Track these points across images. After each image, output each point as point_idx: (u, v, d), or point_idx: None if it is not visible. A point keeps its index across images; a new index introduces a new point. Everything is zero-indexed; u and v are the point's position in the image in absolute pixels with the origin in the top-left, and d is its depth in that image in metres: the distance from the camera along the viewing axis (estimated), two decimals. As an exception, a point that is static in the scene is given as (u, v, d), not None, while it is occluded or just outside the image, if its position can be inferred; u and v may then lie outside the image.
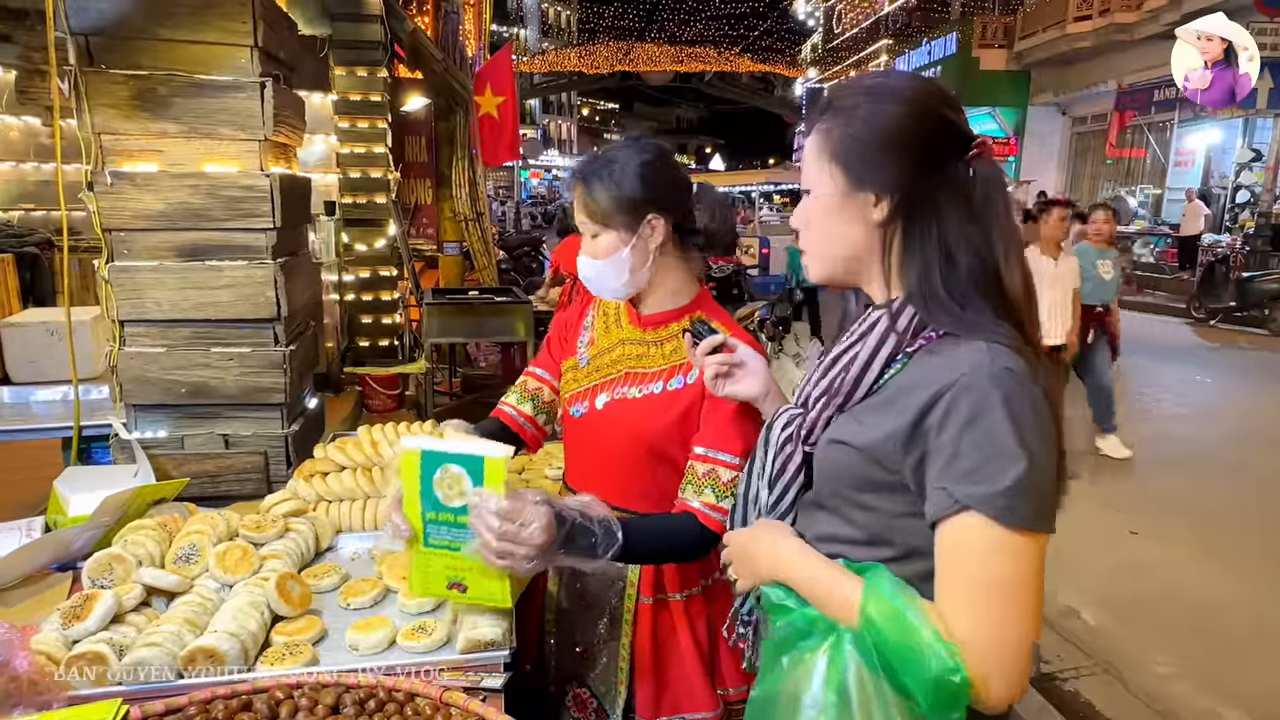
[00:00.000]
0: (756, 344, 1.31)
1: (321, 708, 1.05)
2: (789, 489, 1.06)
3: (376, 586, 1.41)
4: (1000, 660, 0.81)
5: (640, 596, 1.43)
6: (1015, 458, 0.81)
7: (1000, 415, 0.82)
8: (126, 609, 1.25)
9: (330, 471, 1.71)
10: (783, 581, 0.98)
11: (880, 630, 0.83)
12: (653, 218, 1.32)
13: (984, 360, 0.84)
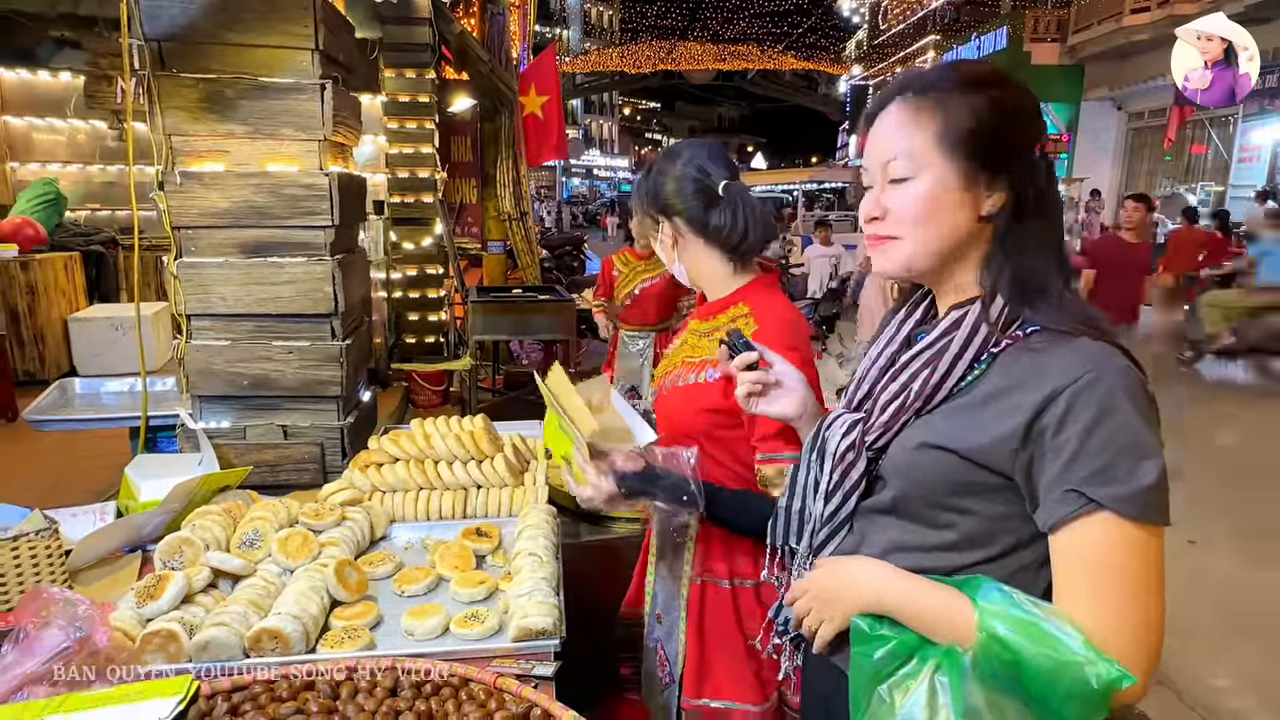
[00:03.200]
0: (806, 347, 1.33)
1: (380, 689, 1.09)
2: (848, 499, 1.01)
3: (430, 575, 1.45)
4: (1138, 659, 0.80)
5: (690, 575, 1.49)
6: (1151, 454, 0.81)
7: (1130, 413, 0.81)
8: (195, 590, 1.30)
9: (384, 463, 1.76)
10: (887, 614, 0.92)
11: (1013, 646, 0.79)
12: (662, 222, 1.45)
13: (1104, 358, 0.83)
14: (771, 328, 1.35)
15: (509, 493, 1.77)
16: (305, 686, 1.10)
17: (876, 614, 0.93)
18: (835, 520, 1.02)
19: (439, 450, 1.77)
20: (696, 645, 1.47)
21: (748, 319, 1.38)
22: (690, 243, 1.44)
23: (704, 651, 1.47)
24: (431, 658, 1.17)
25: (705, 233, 1.41)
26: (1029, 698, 0.79)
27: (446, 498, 1.72)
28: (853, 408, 1.04)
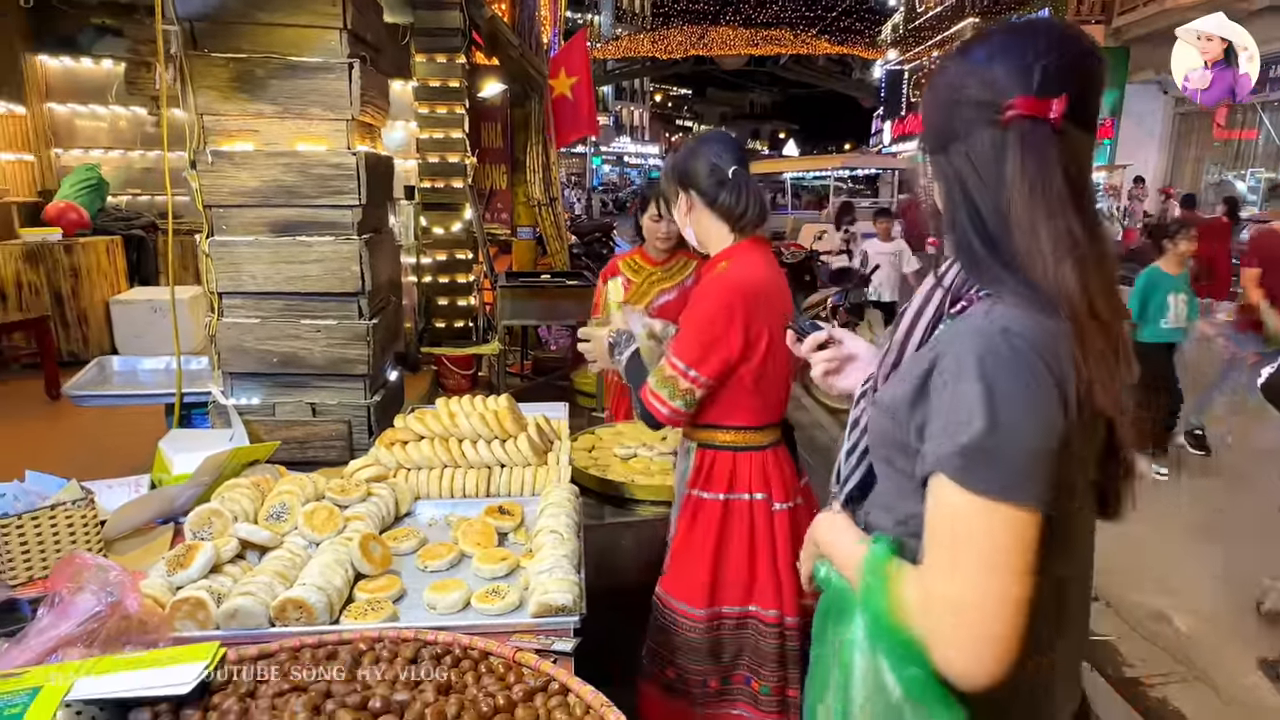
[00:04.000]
0: (720, 296, 1.64)
1: (400, 660, 1.10)
2: (859, 442, 1.05)
3: (453, 551, 1.46)
4: (956, 626, 0.77)
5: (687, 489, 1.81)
6: (974, 417, 0.76)
7: (971, 374, 0.78)
8: (224, 560, 1.33)
9: (410, 441, 1.78)
10: (819, 555, 1.02)
11: (866, 597, 0.85)
12: (681, 193, 1.77)
13: (978, 321, 0.81)
14: (719, 280, 1.67)
15: (532, 472, 1.77)
16: (328, 656, 1.11)
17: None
18: (851, 460, 1.05)
19: (463, 429, 1.78)
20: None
21: (724, 267, 1.70)
22: (701, 212, 1.75)
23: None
24: (453, 631, 1.17)
25: (714, 205, 1.72)
26: (885, 649, 0.84)
27: (470, 476, 1.73)
28: None
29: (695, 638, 1.77)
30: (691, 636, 1.77)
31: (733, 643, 1.80)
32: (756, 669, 1.80)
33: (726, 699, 1.84)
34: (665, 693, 1.84)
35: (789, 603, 1.75)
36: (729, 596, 1.77)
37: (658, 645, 1.84)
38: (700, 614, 1.76)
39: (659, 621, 1.82)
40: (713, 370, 1.65)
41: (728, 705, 1.85)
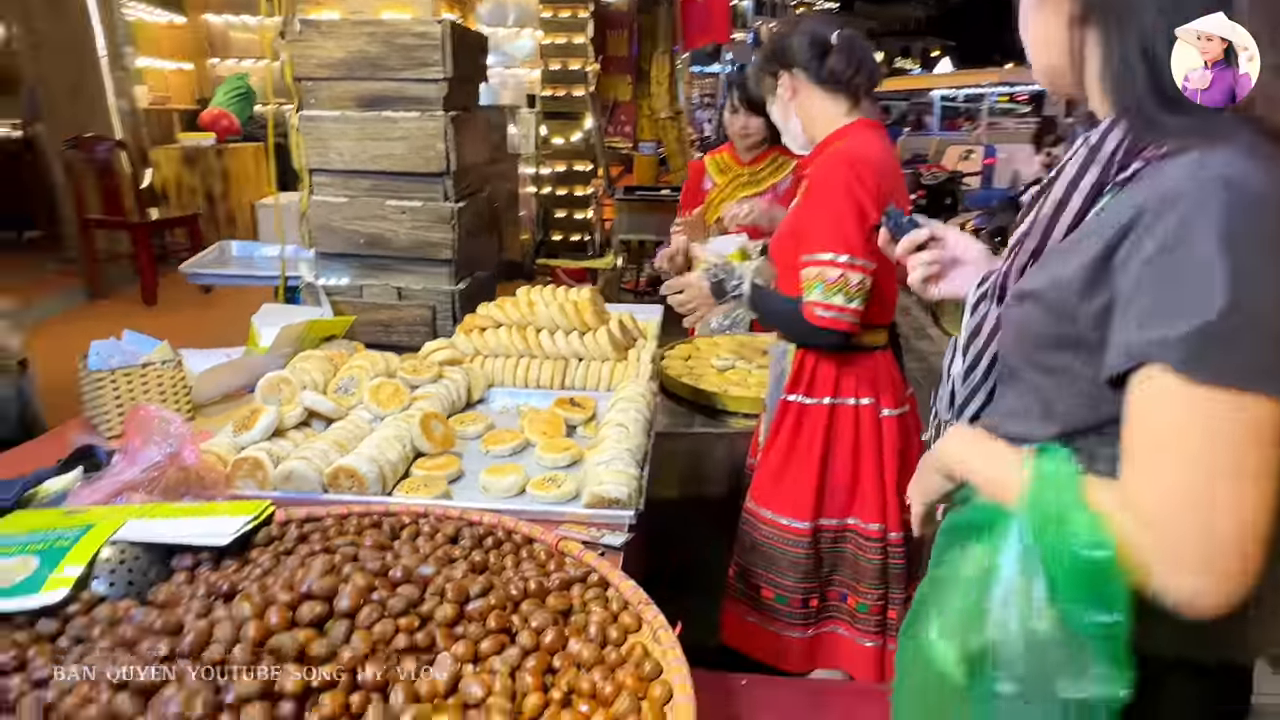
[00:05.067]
0: (854, 181, 1.44)
1: (441, 536, 1.05)
2: (983, 355, 0.92)
3: (517, 438, 1.40)
4: (1184, 541, 0.63)
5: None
6: (1206, 292, 0.61)
7: (1201, 236, 0.62)
8: (288, 425, 1.32)
9: (488, 328, 1.72)
10: (948, 473, 0.87)
11: (1038, 517, 0.68)
12: (782, 76, 1.60)
13: (1191, 170, 0.65)
14: (836, 155, 1.50)
15: (610, 367, 1.68)
16: (373, 525, 1.08)
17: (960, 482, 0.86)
18: (971, 379, 0.92)
19: (541, 318, 1.70)
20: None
21: (840, 145, 1.52)
22: (807, 92, 1.57)
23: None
24: (503, 515, 1.11)
25: (821, 79, 1.55)
26: (1050, 576, 0.67)
27: (546, 367, 1.66)
28: None
29: (796, 553, 1.65)
30: (793, 552, 1.66)
31: (830, 557, 1.67)
32: (854, 585, 1.67)
33: (823, 617, 1.73)
34: (757, 612, 1.75)
35: (893, 516, 1.60)
36: (830, 508, 1.64)
37: (749, 563, 1.74)
38: (803, 527, 1.64)
39: (752, 537, 1.72)
40: (873, 249, 1.40)
41: (823, 624, 1.74)
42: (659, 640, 0.85)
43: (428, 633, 0.81)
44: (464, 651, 0.80)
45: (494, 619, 0.85)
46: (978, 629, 0.70)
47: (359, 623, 0.78)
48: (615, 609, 0.91)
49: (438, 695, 0.74)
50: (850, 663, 1.74)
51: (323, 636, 0.75)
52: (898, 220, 1.06)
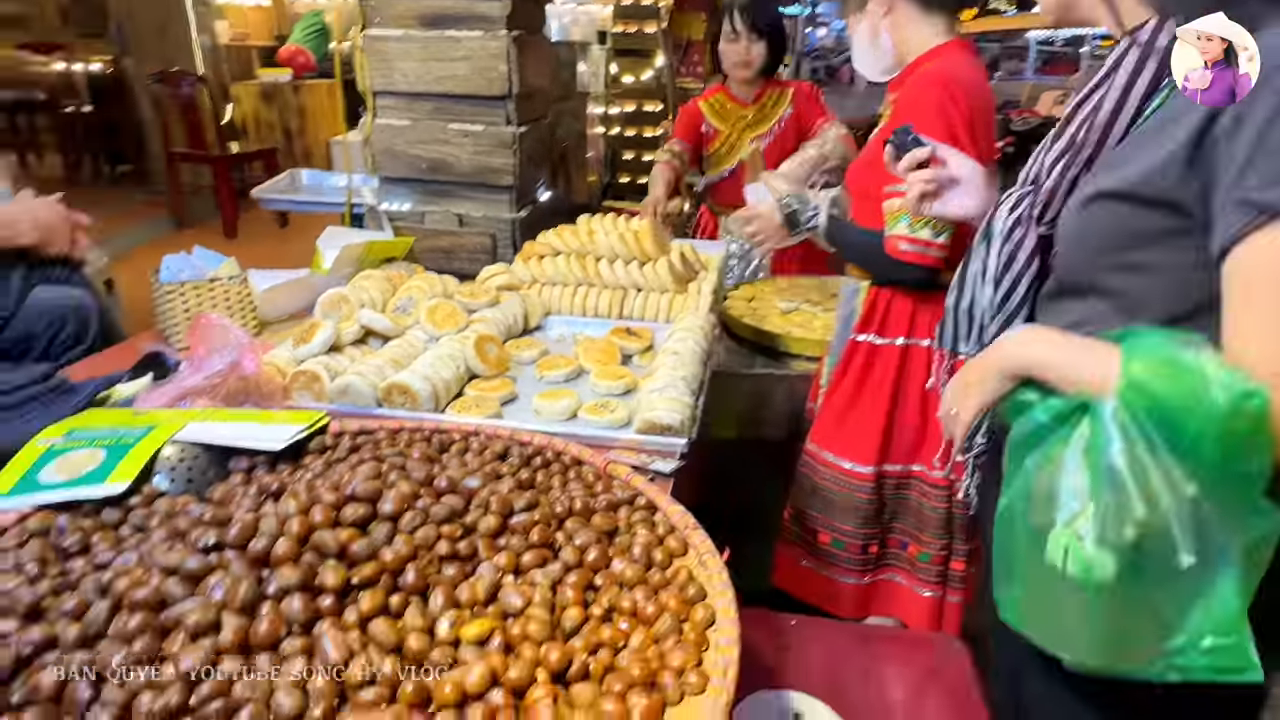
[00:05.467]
0: (954, 110, 1.31)
1: (489, 453, 1.04)
2: (1020, 280, 0.93)
3: (572, 365, 1.38)
4: None
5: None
6: None
7: None
8: (345, 342, 1.33)
9: (547, 255, 1.70)
10: (1016, 372, 0.83)
11: (1149, 387, 0.66)
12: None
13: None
14: (928, 76, 1.40)
15: (669, 299, 1.63)
16: (423, 440, 1.08)
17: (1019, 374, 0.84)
18: (1007, 308, 0.92)
19: (600, 246, 1.66)
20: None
21: (931, 66, 1.43)
22: (903, 9, 1.47)
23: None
24: (553, 437, 1.10)
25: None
26: (1172, 446, 0.66)
27: (604, 296, 1.62)
28: (1026, 183, 0.95)
29: (858, 498, 1.61)
30: (855, 497, 1.61)
31: (892, 504, 1.62)
32: (916, 534, 1.62)
33: (881, 565, 1.69)
34: (812, 557, 1.72)
35: (961, 464, 1.54)
36: (895, 453, 1.58)
37: (807, 506, 1.70)
38: (866, 472, 1.59)
39: (811, 481, 1.67)
40: None
41: (881, 571, 1.70)
42: (705, 565, 0.82)
43: (470, 542, 0.80)
44: (505, 563, 0.79)
45: (537, 534, 0.83)
46: (1115, 520, 0.68)
47: (401, 527, 0.78)
48: (661, 532, 0.89)
49: (477, 602, 0.74)
50: (906, 611, 1.70)
51: (364, 537, 0.75)
52: (904, 138, 1.10)
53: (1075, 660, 0.75)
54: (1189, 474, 0.64)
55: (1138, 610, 0.70)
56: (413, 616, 0.69)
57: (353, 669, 0.62)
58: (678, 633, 0.74)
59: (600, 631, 0.73)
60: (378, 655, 0.65)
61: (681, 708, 0.66)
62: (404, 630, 0.68)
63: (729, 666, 0.67)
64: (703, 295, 1.63)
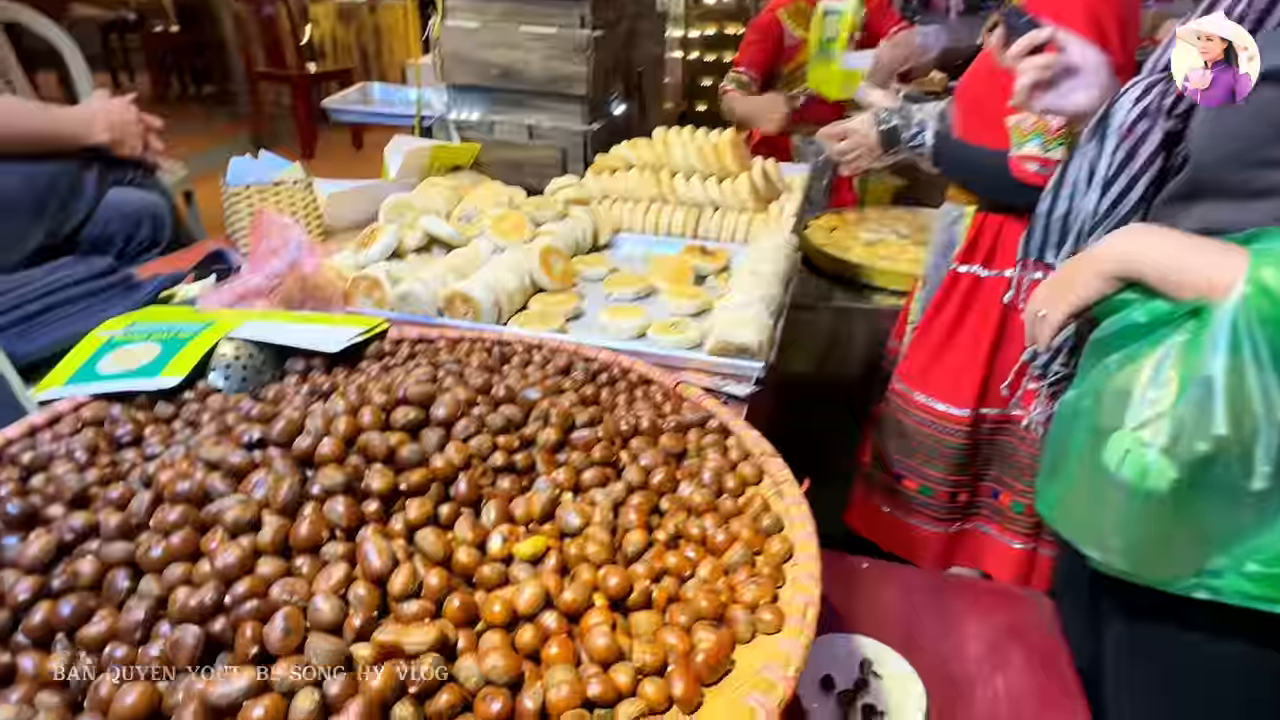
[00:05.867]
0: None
1: (551, 367, 0.97)
2: (1136, 181, 0.84)
3: (642, 283, 1.30)
4: None
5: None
6: None
7: None
8: (408, 249, 1.28)
9: (619, 169, 1.60)
10: (1121, 273, 0.74)
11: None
12: None
13: None
14: None
15: (748, 219, 1.52)
16: (483, 350, 1.02)
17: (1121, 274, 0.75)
18: (1116, 213, 0.85)
19: (676, 160, 1.55)
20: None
21: None
22: None
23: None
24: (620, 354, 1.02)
25: None
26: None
27: (678, 213, 1.52)
28: (1153, 72, 0.86)
29: (951, 443, 1.50)
30: (947, 441, 1.50)
31: (987, 450, 1.51)
32: (1011, 483, 1.50)
33: (969, 513, 1.59)
34: (894, 502, 1.62)
35: (1032, 390, 1.41)
36: (996, 396, 1.45)
37: (892, 449, 1.60)
38: (961, 415, 1.47)
39: (898, 422, 1.57)
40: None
41: (968, 520, 1.60)
42: (782, 495, 0.74)
43: (527, 455, 0.74)
44: (565, 479, 0.72)
45: (600, 451, 0.76)
46: (1192, 433, 0.64)
47: (454, 434, 0.72)
48: (735, 458, 0.81)
49: (532, 519, 0.68)
50: (994, 564, 1.59)
51: (415, 443, 0.69)
52: (1017, 20, 0.95)
53: (1103, 561, 0.75)
54: None
55: (1185, 524, 0.68)
56: (463, 529, 0.64)
57: (396, 579, 0.57)
58: (750, 565, 0.67)
59: (664, 558, 0.66)
60: (423, 567, 0.59)
61: (754, 647, 0.59)
62: (453, 543, 0.63)
63: (809, 606, 0.60)
64: (785, 216, 1.51)
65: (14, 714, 0.51)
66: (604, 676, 0.54)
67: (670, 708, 0.54)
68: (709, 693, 0.55)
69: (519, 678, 0.53)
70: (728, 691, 0.55)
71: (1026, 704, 1.12)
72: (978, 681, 1.16)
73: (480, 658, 0.53)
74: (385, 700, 0.49)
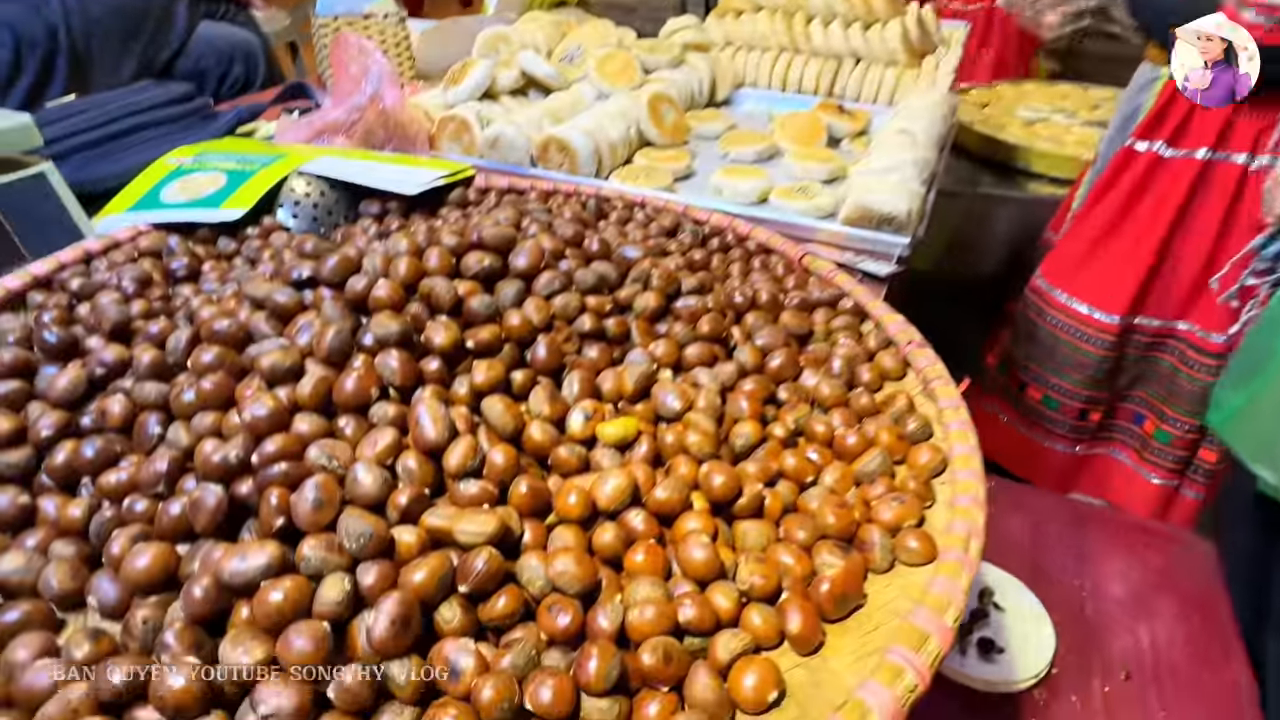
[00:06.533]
0: None
1: (655, 226, 0.83)
2: None
3: (764, 141, 1.11)
4: None
5: None
6: None
7: None
8: (502, 89, 1.13)
9: (746, 11, 1.37)
10: None
11: None
12: None
13: None
14: None
15: (896, 75, 1.28)
16: (579, 204, 0.89)
17: None
18: None
19: (813, 2, 1.31)
20: None
21: None
22: None
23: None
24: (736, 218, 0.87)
25: None
26: None
27: (812, 65, 1.30)
28: None
29: (1091, 353, 1.29)
30: (1086, 350, 1.29)
31: (1136, 367, 1.29)
32: (1160, 407, 1.29)
33: (1101, 436, 1.39)
34: (1015, 412, 1.44)
35: (1251, 287, 1.16)
36: (1157, 304, 1.22)
37: (1021, 354, 1.40)
38: (1110, 322, 1.25)
39: (1032, 324, 1.36)
40: None
41: (1099, 444, 1.40)
42: (933, 397, 0.59)
43: (621, 322, 0.61)
44: (664, 353, 0.59)
45: (708, 324, 0.63)
46: None
47: (536, 289, 0.60)
48: (873, 346, 0.66)
49: (623, 397, 0.56)
50: (1125, 496, 1.40)
51: (488, 294, 0.57)
52: None
53: (1276, 484, 0.71)
54: None
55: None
56: (538, 401, 0.52)
57: (453, 453, 0.46)
58: (889, 476, 0.53)
59: (781, 458, 0.53)
60: (488, 441, 0.49)
61: (892, 578, 0.46)
62: (525, 416, 0.52)
63: (972, 537, 0.45)
64: (941, 72, 1.26)
65: (24, 563, 0.45)
66: (700, 598, 0.42)
67: (780, 644, 0.42)
68: (831, 631, 0.43)
69: (594, 587, 0.42)
70: (855, 634, 0.43)
71: (1176, 659, 0.97)
72: (1117, 628, 1.01)
73: (548, 559, 0.42)
74: (428, 598, 0.40)
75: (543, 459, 0.50)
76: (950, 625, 0.40)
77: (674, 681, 0.39)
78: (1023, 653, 0.93)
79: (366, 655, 0.38)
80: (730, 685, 0.39)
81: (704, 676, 0.39)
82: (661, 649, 0.39)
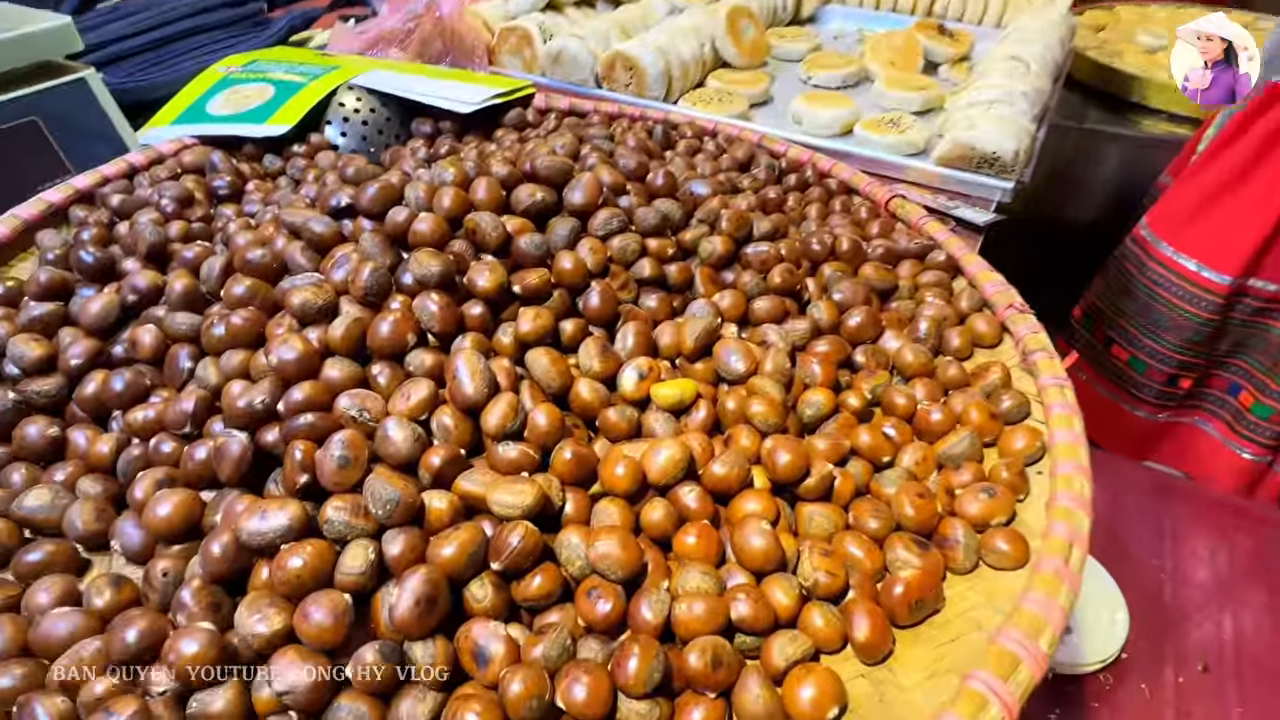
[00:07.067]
0: None
1: (727, 159, 0.76)
2: None
3: (852, 65, 1.01)
4: None
5: None
6: None
7: None
8: (567, 0, 1.05)
9: (841, -86, 1.24)
10: None
11: None
12: None
13: None
14: None
15: (1008, -9, 1.14)
16: (644, 130, 0.81)
17: None
18: None
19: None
20: None
21: None
22: None
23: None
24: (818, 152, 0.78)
25: None
26: None
27: (911, -21, 1.17)
28: None
29: (1192, 315, 1.17)
30: (1187, 310, 1.17)
31: (1240, 332, 1.17)
32: (1263, 379, 1.17)
33: (1190, 404, 1.28)
34: (1095, 370, 1.33)
35: None
36: (1276, 265, 1.09)
37: (1112, 308, 1.28)
38: (1220, 281, 1.12)
39: (1128, 276, 1.23)
40: None
41: (1186, 412, 1.29)
42: (1034, 370, 0.52)
43: (684, 269, 0.55)
44: (730, 306, 0.54)
45: (780, 275, 0.56)
46: None
47: (592, 229, 0.54)
48: (966, 307, 0.59)
49: (682, 353, 0.50)
50: (1210, 469, 1.29)
51: (539, 233, 0.52)
52: None
53: None
54: None
55: None
56: (588, 355, 0.48)
57: (493, 411, 0.42)
58: (978, 462, 0.47)
59: (856, 434, 0.47)
60: (531, 399, 0.44)
61: (975, 581, 0.41)
62: (573, 371, 0.47)
63: (1074, 544, 0.40)
64: None
65: (49, 500, 0.43)
66: (756, 593, 0.38)
67: (843, 648, 0.38)
68: (901, 638, 0.38)
69: (639, 572, 0.38)
70: (929, 645, 0.38)
71: (1262, 652, 0.90)
72: (1199, 614, 0.94)
73: (590, 538, 0.38)
74: (458, 574, 0.36)
75: (590, 420, 0.46)
76: (1046, 652, 0.34)
77: (722, 688, 0.35)
78: (1092, 635, 0.87)
79: (388, 633, 0.35)
80: (785, 696, 0.35)
81: (755, 686, 0.35)
82: (710, 651, 0.35)
